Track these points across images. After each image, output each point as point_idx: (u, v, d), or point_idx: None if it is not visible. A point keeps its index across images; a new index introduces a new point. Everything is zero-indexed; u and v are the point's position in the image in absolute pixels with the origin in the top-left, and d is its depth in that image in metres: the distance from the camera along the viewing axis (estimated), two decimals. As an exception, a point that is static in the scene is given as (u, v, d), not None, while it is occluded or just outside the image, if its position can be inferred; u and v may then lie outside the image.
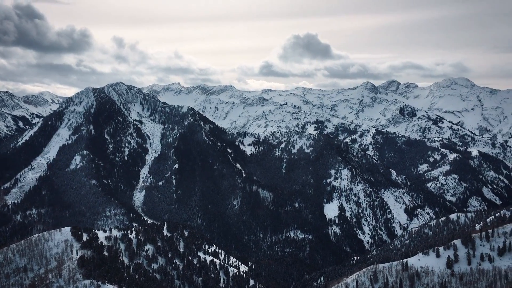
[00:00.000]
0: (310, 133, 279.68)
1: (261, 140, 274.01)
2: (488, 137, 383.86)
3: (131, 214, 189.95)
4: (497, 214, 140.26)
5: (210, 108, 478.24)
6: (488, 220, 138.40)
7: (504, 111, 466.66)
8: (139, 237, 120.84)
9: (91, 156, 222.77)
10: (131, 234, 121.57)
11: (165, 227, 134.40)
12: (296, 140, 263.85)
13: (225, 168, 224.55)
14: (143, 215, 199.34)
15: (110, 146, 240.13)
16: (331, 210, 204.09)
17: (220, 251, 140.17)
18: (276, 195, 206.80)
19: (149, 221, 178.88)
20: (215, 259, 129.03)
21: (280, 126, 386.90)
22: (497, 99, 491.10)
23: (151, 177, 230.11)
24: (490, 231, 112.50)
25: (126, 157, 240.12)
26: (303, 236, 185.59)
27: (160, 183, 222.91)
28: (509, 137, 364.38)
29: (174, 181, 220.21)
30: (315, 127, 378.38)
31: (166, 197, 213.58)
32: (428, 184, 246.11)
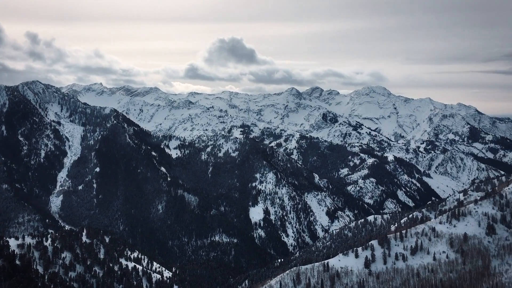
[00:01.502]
0: (236, 137, 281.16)
1: (187, 143, 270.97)
2: (402, 143, 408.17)
3: (47, 220, 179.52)
4: (410, 216, 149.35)
5: (135, 110, 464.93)
6: (402, 221, 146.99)
7: (417, 118, 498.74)
8: (55, 244, 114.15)
9: (3, 158, 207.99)
10: (46, 241, 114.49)
11: (84, 233, 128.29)
12: (222, 143, 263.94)
13: (150, 171, 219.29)
14: (60, 221, 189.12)
15: (24, 148, 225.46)
16: (256, 214, 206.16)
17: (143, 257, 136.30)
18: (201, 199, 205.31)
19: (67, 227, 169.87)
20: (137, 266, 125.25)
21: (206, 130, 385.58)
22: (411, 107, 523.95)
23: (69, 181, 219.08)
24: (404, 231, 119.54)
25: (42, 160, 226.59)
26: (228, 240, 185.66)
27: (80, 187, 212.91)
28: (421, 143, 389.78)
29: (95, 185, 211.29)
30: (241, 131, 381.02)
31: (86, 202, 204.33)
32: (348, 188, 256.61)
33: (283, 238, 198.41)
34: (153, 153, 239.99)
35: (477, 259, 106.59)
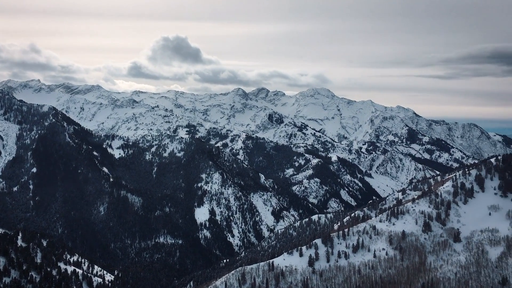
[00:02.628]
0: (182, 137, 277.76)
1: (130, 143, 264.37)
2: (345, 143, 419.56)
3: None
4: (352, 215, 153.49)
5: (75, 108, 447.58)
6: (344, 220, 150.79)
7: (359, 120, 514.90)
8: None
9: None
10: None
11: (19, 237, 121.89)
12: (167, 143, 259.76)
13: (91, 172, 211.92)
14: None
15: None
16: (201, 214, 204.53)
17: (83, 260, 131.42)
18: (145, 200, 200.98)
19: (1, 230, 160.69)
20: (77, 269, 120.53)
21: (151, 129, 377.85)
22: (354, 109, 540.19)
23: (3, 182, 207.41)
24: (346, 230, 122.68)
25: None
26: (173, 241, 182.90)
27: (15, 189, 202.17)
28: (363, 144, 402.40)
29: (31, 187, 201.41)
30: (187, 131, 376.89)
31: (21, 204, 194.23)
32: (294, 188, 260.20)
33: (229, 238, 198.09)
34: (95, 153, 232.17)
35: (414, 255, 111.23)
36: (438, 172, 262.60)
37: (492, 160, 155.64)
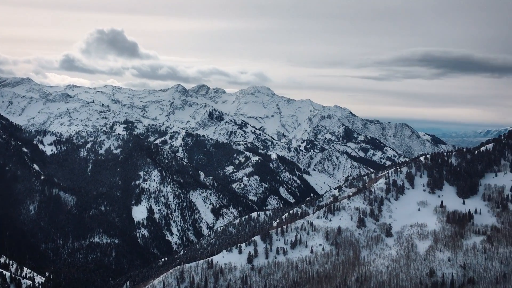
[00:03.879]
0: (119, 134, 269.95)
1: (64, 139, 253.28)
2: (285, 141, 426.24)
3: None
4: (291, 211, 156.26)
5: (3, 102, 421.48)
6: (283, 217, 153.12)
7: (298, 119, 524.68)
8: None
9: None
10: None
11: None
12: (103, 140, 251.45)
13: (20, 169, 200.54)
14: None
15: None
16: (139, 213, 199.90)
17: (11, 262, 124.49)
18: (80, 199, 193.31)
19: None
20: (4, 272, 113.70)
21: (86, 125, 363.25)
22: (293, 108, 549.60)
23: None
24: (285, 227, 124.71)
25: None
26: (108, 241, 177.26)
27: None
28: (302, 142, 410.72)
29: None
30: (124, 127, 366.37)
31: None
32: (233, 185, 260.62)
33: (167, 236, 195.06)
34: (25, 149, 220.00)
35: (349, 250, 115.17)
36: (372, 170, 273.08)
37: (421, 158, 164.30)
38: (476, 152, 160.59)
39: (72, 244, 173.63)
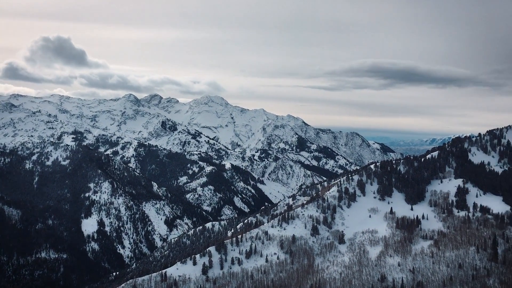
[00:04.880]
0: (67, 144, 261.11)
1: (8, 150, 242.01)
2: (239, 151, 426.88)
3: None
4: (246, 221, 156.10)
5: None
6: (238, 226, 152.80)
7: (252, 128, 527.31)
8: None
9: None
10: None
11: None
12: (51, 151, 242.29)
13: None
14: None
15: None
16: (89, 226, 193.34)
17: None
18: (25, 212, 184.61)
19: None
20: None
21: (32, 136, 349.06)
22: (247, 117, 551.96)
23: None
24: (239, 236, 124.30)
25: None
26: (56, 256, 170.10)
27: None
28: (256, 152, 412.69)
29: None
30: (73, 138, 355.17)
31: None
32: (187, 195, 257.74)
33: (119, 250, 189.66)
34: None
35: (303, 258, 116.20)
36: (325, 178, 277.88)
37: (372, 166, 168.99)
38: (422, 159, 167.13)
39: (17, 261, 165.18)
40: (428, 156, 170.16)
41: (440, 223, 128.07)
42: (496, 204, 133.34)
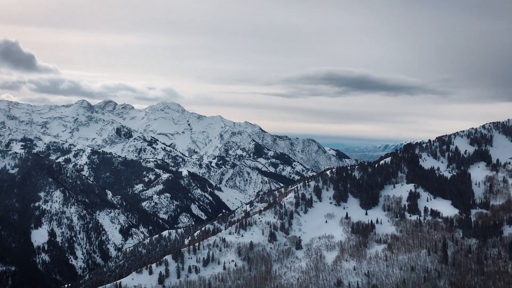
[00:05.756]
0: (16, 152, 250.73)
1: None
2: (196, 158, 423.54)
3: None
4: (203, 228, 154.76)
5: None
6: (195, 234, 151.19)
7: (209, 135, 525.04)
8: None
9: None
10: None
11: None
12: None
13: None
14: None
15: None
16: (39, 236, 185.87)
17: None
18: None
19: None
20: None
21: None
22: (204, 124, 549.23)
23: None
24: (197, 244, 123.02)
25: None
26: (4, 268, 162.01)
27: None
28: (213, 158, 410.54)
29: None
30: (22, 145, 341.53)
31: None
32: (143, 204, 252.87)
33: (71, 261, 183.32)
34: None
35: (261, 264, 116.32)
36: (282, 184, 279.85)
37: (328, 172, 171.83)
38: (376, 165, 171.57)
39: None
40: (382, 162, 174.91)
41: (393, 227, 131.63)
42: (445, 208, 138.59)
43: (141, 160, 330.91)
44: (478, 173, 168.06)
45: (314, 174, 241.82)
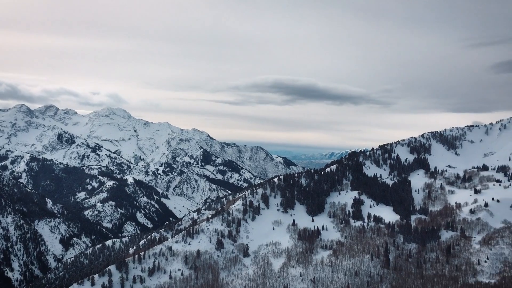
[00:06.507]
0: None
1: None
2: (142, 165, 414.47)
3: None
4: (149, 237, 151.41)
5: None
6: (141, 243, 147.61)
7: (156, 142, 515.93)
8: None
9: None
10: None
11: None
12: None
13: None
14: None
15: None
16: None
17: None
18: None
19: None
20: None
21: None
22: (151, 130, 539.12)
23: None
24: (142, 253, 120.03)
25: None
26: None
27: None
28: (160, 166, 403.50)
29: None
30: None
31: None
32: (86, 212, 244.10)
33: (7, 273, 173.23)
34: None
35: (208, 273, 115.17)
36: (230, 192, 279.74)
37: (275, 179, 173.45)
38: (322, 173, 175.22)
39: None
40: (327, 169, 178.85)
41: (339, 233, 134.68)
42: (387, 214, 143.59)
43: (84, 167, 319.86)
44: (418, 180, 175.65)
45: (262, 181, 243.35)
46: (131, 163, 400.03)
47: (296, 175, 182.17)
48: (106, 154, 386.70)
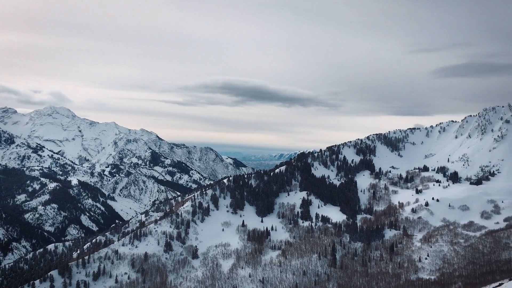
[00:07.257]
0: None
1: None
2: (87, 166, 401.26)
3: None
4: (94, 240, 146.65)
5: None
6: (85, 247, 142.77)
7: (102, 142, 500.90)
8: None
9: None
10: None
11: None
12: None
13: None
14: None
15: None
16: None
17: None
18: None
19: None
20: None
21: None
22: (96, 130, 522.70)
23: None
24: (86, 257, 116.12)
25: None
26: None
27: None
28: (106, 167, 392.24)
29: None
30: None
31: None
32: (26, 215, 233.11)
33: None
34: None
35: (156, 276, 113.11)
36: (179, 193, 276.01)
37: (225, 180, 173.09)
38: (272, 174, 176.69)
39: None
40: (277, 170, 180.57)
41: (287, 233, 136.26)
42: (334, 214, 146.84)
43: (25, 169, 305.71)
44: (363, 181, 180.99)
45: (212, 182, 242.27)
46: (76, 164, 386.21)
47: (246, 176, 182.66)
48: (48, 155, 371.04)
